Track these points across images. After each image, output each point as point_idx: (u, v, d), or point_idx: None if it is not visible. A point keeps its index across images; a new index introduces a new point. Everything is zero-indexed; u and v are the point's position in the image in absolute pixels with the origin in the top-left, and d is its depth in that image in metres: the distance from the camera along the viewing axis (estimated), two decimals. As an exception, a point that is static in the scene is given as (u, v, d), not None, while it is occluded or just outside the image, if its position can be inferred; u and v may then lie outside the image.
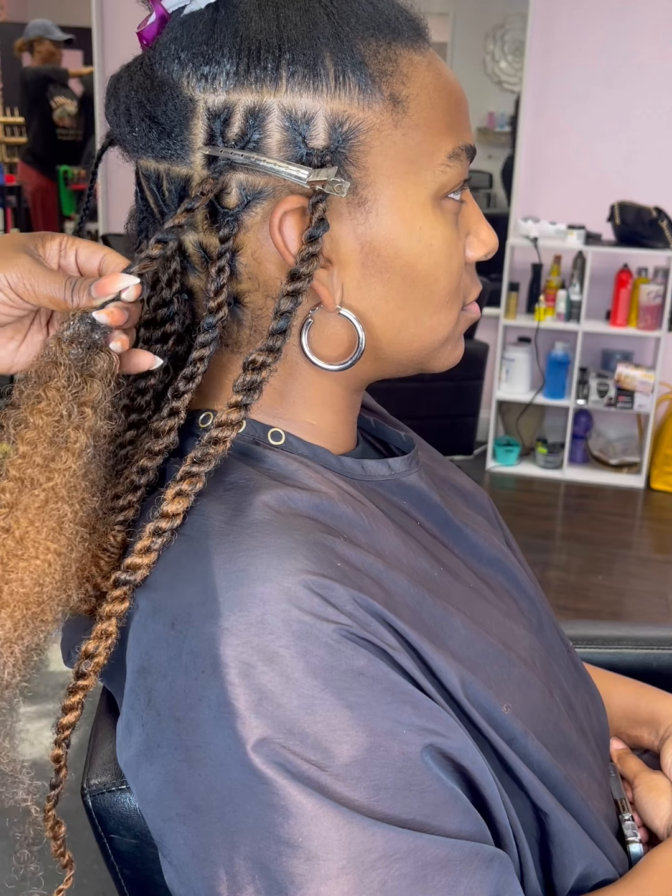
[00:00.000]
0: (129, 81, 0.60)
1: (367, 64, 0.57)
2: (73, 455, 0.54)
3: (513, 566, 0.76)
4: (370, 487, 0.66)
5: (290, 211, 0.57)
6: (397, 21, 0.59)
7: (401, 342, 0.64)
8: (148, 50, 0.60)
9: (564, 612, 2.81)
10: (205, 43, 0.57)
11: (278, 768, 0.50)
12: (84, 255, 0.58)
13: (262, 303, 0.61)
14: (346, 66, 0.56)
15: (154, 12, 0.59)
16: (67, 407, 0.54)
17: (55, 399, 0.54)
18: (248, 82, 0.56)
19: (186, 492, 0.56)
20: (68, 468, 0.54)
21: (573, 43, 3.82)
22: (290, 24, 0.56)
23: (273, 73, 0.56)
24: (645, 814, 0.77)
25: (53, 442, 0.53)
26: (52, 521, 0.54)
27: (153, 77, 0.58)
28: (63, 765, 0.60)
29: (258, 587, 0.52)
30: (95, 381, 0.55)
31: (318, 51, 0.56)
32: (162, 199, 0.61)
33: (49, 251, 0.58)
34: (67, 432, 0.54)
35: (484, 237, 0.66)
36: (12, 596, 0.54)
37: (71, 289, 0.55)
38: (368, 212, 0.59)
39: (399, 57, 0.58)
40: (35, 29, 5.25)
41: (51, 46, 5.30)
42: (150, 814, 0.55)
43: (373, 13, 0.58)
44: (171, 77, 0.57)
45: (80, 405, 0.54)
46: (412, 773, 0.53)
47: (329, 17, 0.57)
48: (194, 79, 0.57)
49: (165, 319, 0.63)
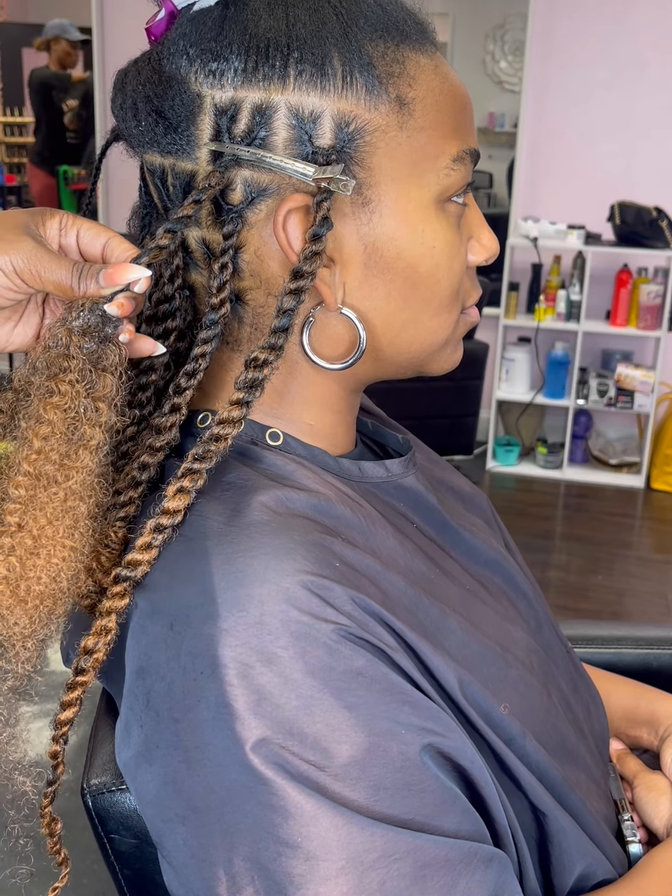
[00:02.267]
0: (137, 76, 0.60)
1: (374, 65, 0.57)
2: (90, 452, 0.54)
3: (511, 568, 0.76)
4: (367, 489, 0.66)
5: (294, 209, 0.57)
6: (405, 23, 0.59)
7: (401, 343, 0.64)
8: (156, 45, 0.60)
9: (564, 612, 2.81)
10: (213, 39, 0.57)
11: (277, 769, 0.50)
12: (87, 238, 0.58)
13: (264, 301, 0.61)
14: (354, 66, 0.57)
15: (163, 8, 0.60)
16: (83, 403, 0.53)
17: (69, 394, 0.53)
18: (256, 79, 0.56)
19: (188, 488, 0.56)
20: (85, 466, 0.54)
21: (573, 43, 3.82)
22: (300, 22, 0.56)
23: (281, 70, 0.56)
24: (645, 814, 0.77)
25: (69, 439, 0.53)
26: (69, 519, 0.54)
27: (161, 72, 0.58)
28: (60, 761, 0.60)
29: (256, 588, 0.52)
30: (108, 376, 0.54)
31: (326, 50, 0.56)
32: (166, 194, 0.61)
33: (49, 230, 0.57)
34: (83, 429, 0.53)
35: (485, 242, 0.66)
36: (29, 593, 0.54)
37: (78, 275, 0.54)
38: (372, 212, 0.59)
39: (406, 59, 0.59)
40: (53, 29, 5.25)
41: (67, 46, 5.30)
42: (150, 814, 0.55)
43: (381, 15, 0.58)
44: (179, 72, 0.57)
45: (95, 400, 0.54)
46: (411, 772, 0.53)
47: (338, 17, 0.57)
48: (202, 75, 0.57)
49: (167, 315, 0.63)
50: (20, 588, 0.53)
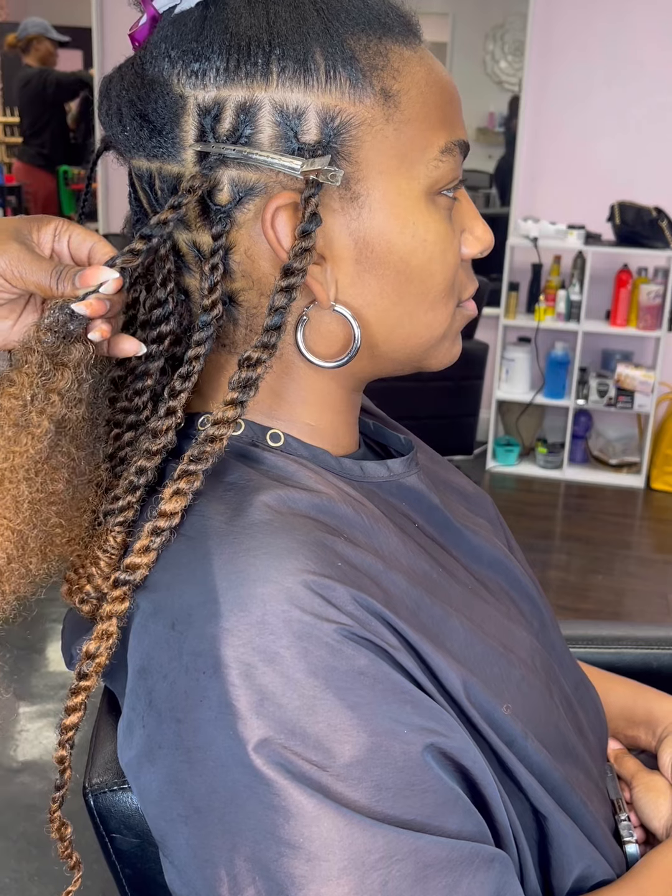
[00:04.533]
0: (121, 81, 0.60)
1: (357, 58, 0.57)
2: (33, 438, 0.55)
3: (515, 568, 0.76)
4: (369, 489, 0.66)
5: (282, 206, 0.57)
6: (387, 17, 0.59)
7: (396, 339, 0.64)
8: (139, 50, 0.60)
9: (564, 612, 2.81)
10: (195, 40, 0.57)
11: (279, 769, 0.50)
12: (76, 242, 0.59)
13: (257, 301, 0.61)
14: (337, 60, 0.56)
15: (145, 13, 0.60)
16: (33, 392, 0.55)
17: (24, 383, 0.55)
18: (239, 78, 0.56)
19: (184, 490, 0.56)
20: (26, 451, 0.55)
21: (573, 43, 3.81)
22: (280, 19, 0.56)
23: (263, 68, 0.56)
24: (643, 814, 0.77)
25: (17, 424, 0.55)
26: (7, 499, 0.55)
27: (143, 76, 0.58)
28: (67, 766, 0.60)
29: (259, 587, 0.52)
30: (66, 370, 0.55)
31: (308, 46, 0.56)
32: (154, 198, 0.61)
33: (44, 236, 0.59)
34: (31, 416, 0.55)
35: (479, 234, 0.66)
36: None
37: (56, 277, 0.56)
38: (361, 207, 0.59)
39: (390, 52, 0.58)
40: (35, 27, 5.19)
41: (49, 46, 5.27)
42: (152, 814, 0.55)
43: (363, 9, 0.58)
44: (162, 75, 0.58)
45: (48, 391, 0.55)
46: (413, 772, 0.53)
47: (319, 12, 0.57)
48: (184, 76, 0.57)
49: (160, 320, 0.63)
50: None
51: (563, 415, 3.96)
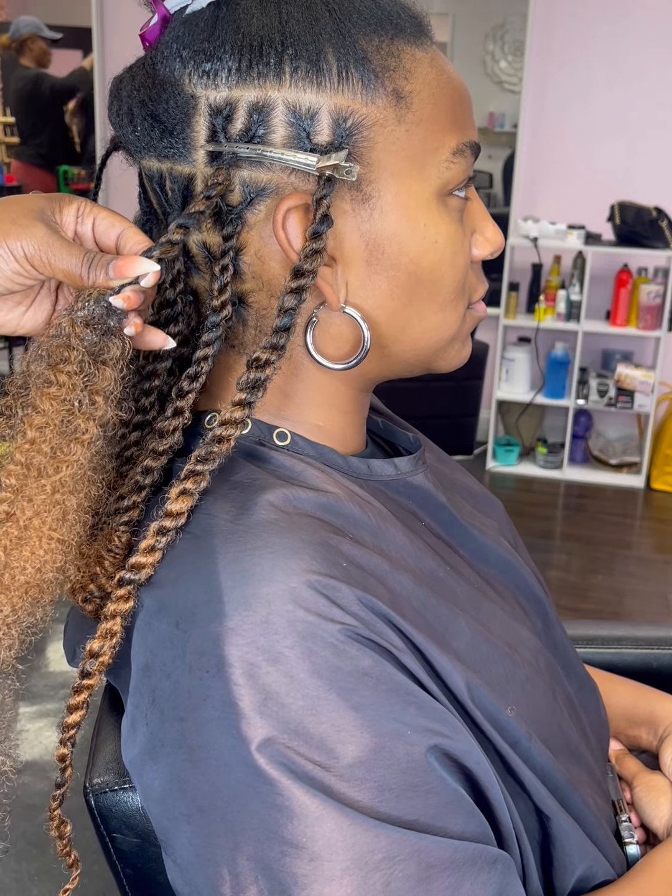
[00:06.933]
0: (132, 81, 0.60)
1: (369, 59, 0.57)
2: (82, 446, 0.54)
3: (521, 568, 0.76)
4: (376, 487, 0.66)
5: (293, 208, 0.57)
6: (399, 17, 0.59)
7: (406, 340, 0.64)
8: (150, 50, 0.60)
9: (564, 612, 2.81)
10: (206, 40, 0.57)
11: (282, 769, 0.50)
12: (102, 226, 0.57)
13: (267, 302, 0.61)
14: (349, 61, 0.56)
15: (156, 13, 0.60)
16: (79, 396, 0.53)
17: (66, 385, 0.53)
18: (251, 78, 0.56)
19: (190, 490, 0.55)
20: (77, 460, 0.54)
21: (573, 43, 3.81)
22: (293, 19, 0.56)
23: (276, 68, 0.56)
24: (644, 814, 0.77)
25: (62, 431, 0.53)
26: (57, 511, 0.54)
27: (155, 76, 0.58)
28: (68, 764, 0.60)
29: (263, 587, 0.52)
30: (108, 370, 0.54)
31: (320, 46, 0.56)
32: (165, 199, 0.60)
33: (66, 217, 0.56)
34: (78, 422, 0.53)
35: (490, 235, 0.66)
36: (13, 582, 0.54)
37: (88, 265, 0.54)
38: (373, 208, 0.59)
39: (402, 53, 0.58)
40: (27, 27, 5.13)
41: (44, 45, 5.23)
42: (155, 813, 0.55)
43: (374, 9, 0.58)
44: (173, 75, 0.57)
45: (92, 394, 0.53)
46: (417, 773, 0.52)
47: (331, 13, 0.57)
48: (196, 76, 0.57)
49: (169, 320, 0.63)
50: (4, 577, 0.54)
51: (563, 415, 3.96)
